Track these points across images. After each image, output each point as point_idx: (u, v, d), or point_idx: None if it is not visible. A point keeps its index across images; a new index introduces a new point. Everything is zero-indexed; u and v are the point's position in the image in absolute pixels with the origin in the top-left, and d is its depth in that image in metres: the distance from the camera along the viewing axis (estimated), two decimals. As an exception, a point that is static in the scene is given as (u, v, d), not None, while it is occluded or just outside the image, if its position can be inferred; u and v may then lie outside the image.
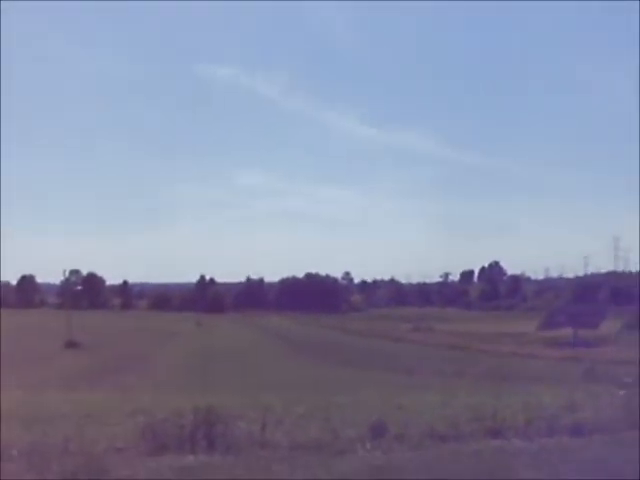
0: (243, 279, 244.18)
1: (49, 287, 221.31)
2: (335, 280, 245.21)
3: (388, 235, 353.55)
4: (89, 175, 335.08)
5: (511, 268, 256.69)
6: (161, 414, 15.78)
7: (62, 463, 9.88)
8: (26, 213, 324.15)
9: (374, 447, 12.18)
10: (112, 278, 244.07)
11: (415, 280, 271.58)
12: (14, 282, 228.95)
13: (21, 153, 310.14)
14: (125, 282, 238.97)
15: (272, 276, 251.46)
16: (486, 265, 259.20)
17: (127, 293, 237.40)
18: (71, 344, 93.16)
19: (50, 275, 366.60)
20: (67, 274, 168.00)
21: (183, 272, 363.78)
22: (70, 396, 29.18)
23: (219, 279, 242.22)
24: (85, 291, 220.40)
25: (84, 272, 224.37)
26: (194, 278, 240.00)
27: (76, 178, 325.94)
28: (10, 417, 18.00)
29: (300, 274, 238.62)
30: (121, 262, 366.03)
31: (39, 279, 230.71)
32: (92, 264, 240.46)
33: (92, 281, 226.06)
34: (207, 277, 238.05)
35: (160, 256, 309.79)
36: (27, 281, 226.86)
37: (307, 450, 11.79)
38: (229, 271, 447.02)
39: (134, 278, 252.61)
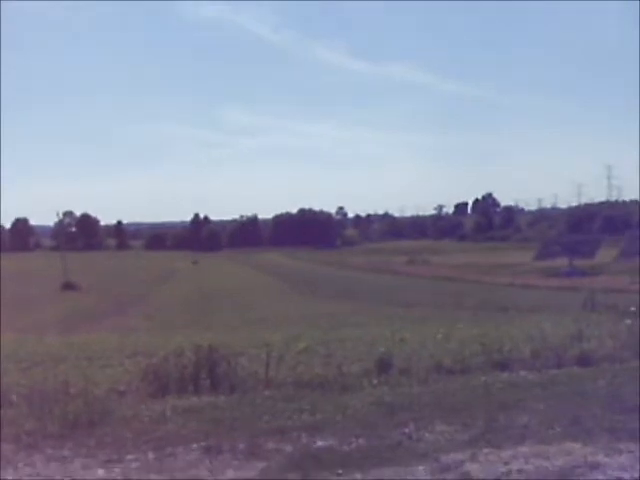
0: (237, 216, 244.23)
1: (43, 229, 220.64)
2: (329, 215, 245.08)
3: (381, 169, 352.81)
4: (79, 116, 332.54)
5: (504, 199, 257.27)
6: (162, 355, 15.65)
7: (63, 407, 9.64)
8: (18, 156, 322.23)
9: (381, 382, 12.00)
10: (106, 219, 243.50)
11: (409, 213, 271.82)
12: (8, 225, 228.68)
13: (12, 97, 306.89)
14: (119, 222, 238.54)
15: (266, 213, 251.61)
16: (479, 197, 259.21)
17: (122, 233, 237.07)
18: (68, 286, 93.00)
19: (44, 217, 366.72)
20: (61, 215, 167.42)
21: (177, 211, 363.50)
22: (69, 338, 29.05)
23: (213, 217, 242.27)
24: (80, 232, 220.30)
25: (78, 213, 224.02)
26: (188, 217, 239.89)
27: (66, 120, 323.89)
28: (8, 361, 17.83)
29: (294, 210, 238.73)
30: (114, 202, 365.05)
31: (33, 222, 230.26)
32: (86, 205, 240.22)
33: (86, 222, 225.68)
34: (201, 215, 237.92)
35: (153, 196, 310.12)
36: (21, 224, 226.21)
37: (313, 387, 11.59)
38: (223, 209, 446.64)
39: (128, 218, 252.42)
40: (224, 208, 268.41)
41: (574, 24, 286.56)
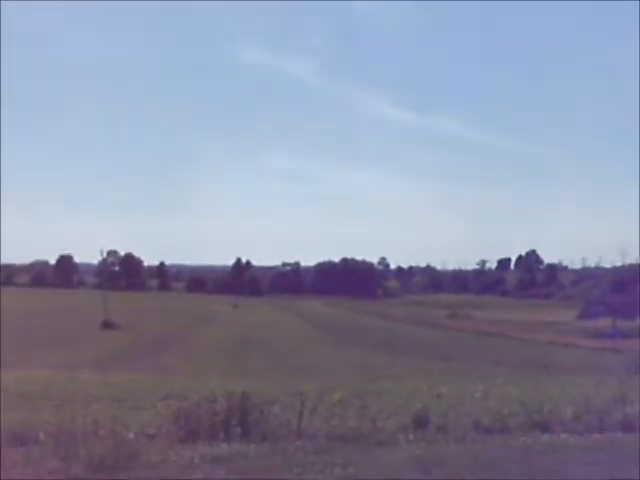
0: (279, 263, 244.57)
1: (87, 267, 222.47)
2: (371, 265, 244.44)
3: (424, 221, 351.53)
4: (125, 157, 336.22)
5: (548, 257, 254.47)
6: (195, 399, 15.39)
7: (89, 448, 9.40)
8: (64, 194, 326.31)
9: (417, 438, 11.59)
10: (149, 259, 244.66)
11: (451, 267, 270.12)
12: (53, 262, 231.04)
13: (57, 135, 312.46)
14: (162, 263, 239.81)
15: (308, 260, 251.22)
16: (523, 253, 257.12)
17: (164, 274, 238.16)
18: (108, 325, 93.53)
19: (88, 255, 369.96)
20: (105, 254, 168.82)
21: (219, 255, 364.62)
22: (104, 378, 28.97)
23: (255, 262, 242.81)
24: (122, 272, 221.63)
25: (122, 253, 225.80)
26: (230, 261, 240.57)
27: (113, 160, 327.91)
28: (41, 398, 17.72)
29: (336, 259, 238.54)
30: (158, 243, 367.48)
31: (77, 259, 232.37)
32: (129, 245, 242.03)
33: (129, 262, 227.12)
34: (243, 260, 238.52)
35: (196, 238, 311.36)
36: (65, 261, 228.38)
37: (346, 441, 11.23)
38: (265, 255, 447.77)
39: (171, 260, 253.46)
40: (267, 254, 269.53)
41: (620, 82, 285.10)
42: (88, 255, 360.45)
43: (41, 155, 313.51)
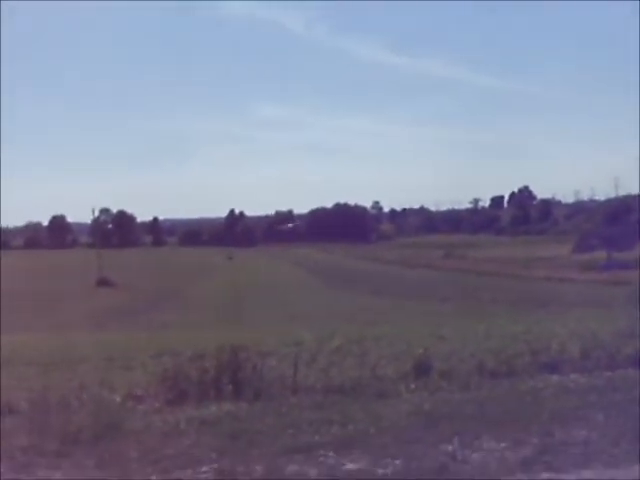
0: (272, 212, 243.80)
1: (80, 226, 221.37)
2: (364, 209, 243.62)
3: (416, 163, 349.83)
4: (113, 113, 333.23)
5: (541, 192, 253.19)
6: (187, 355, 14.79)
7: (66, 419, 8.72)
8: (54, 154, 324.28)
9: (419, 387, 10.96)
10: (142, 215, 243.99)
11: (445, 207, 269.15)
12: (45, 223, 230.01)
13: (47, 92, 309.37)
14: (155, 219, 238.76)
15: (301, 208, 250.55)
16: (516, 190, 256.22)
17: (158, 230, 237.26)
18: (103, 282, 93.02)
19: (81, 214, 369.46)
20: (97, 213, 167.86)
21: (212, 207, 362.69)
22: (98, 336, 28.49)
23: (248, 212, 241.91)
24: (116, 229, 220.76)
25: (114, 210, 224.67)
26: (223, 213, 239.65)
27: (101, 116, 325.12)
28: (29, 362, 17.16)
29: (329, 205, 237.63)
30: (150, 199, 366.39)
31: (70, 219, 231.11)
32: (121, 202, 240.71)
33: (122, 219, 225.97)
34: (236, 211, 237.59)
35: (188, 192, 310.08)
36: (58, 221, 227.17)
37: (345, 393, 10.61)
38: (258, 204, 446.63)
39: (164, 214, 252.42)
40: (259, 203, 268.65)
41: (612, 18, 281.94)
42: (81, 214, 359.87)
43: (29, 115, 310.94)
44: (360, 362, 14.02)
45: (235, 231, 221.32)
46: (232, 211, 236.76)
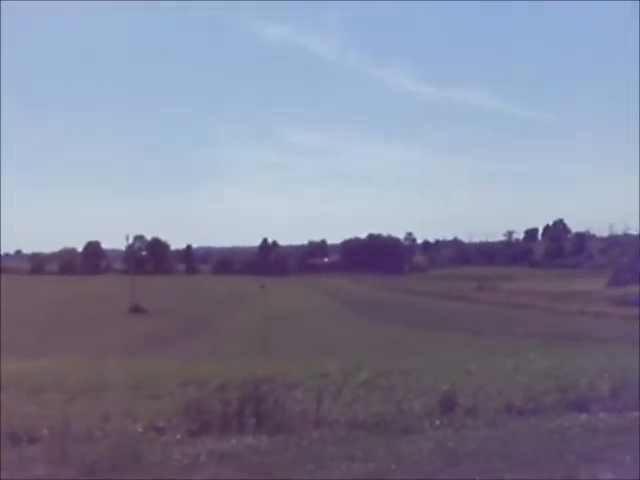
0: (305, 242, 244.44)
1: (114, 253, 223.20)
2: (398, 240, 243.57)
3: (450, 194, 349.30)
4: (148, 140, 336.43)
5: (575, 226, 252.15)
6: (213, 386, 14.75)
7: (84, 449, 8.68)
8: (90, 181, 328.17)
9: (443, 424, 10.79)
10: (176, 243, 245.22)
11: (478, 239, 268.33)
12: (80, 249, 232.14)
13: (84, 120, 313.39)
14: (189, 247, 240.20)
15: (334, 238, 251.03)
16: (550, 223, 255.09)
17: (191, 257, 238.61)
18: (135, 309, 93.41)
19: (116, 241, 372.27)
20: (131, 239, 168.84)
21: (245, 235, 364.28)
22: (127, 364, 28.49)
23: (281, 242, 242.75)
24: (150, 256, 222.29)
25: (148, 237, 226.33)
26: (257, 241, 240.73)
27: (135, 144, 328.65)
28: (55, 390, 17.18)
29: (362, 235, 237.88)
30: (184, 226, 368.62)
31: (105, 245, 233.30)
32: (156, 229, 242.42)
33: (156, 246, 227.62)
34: (270, 240, 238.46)
35: (222, 219, 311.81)
36: (93, 247, 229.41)
37: (368, 428, 10.48)
38: (291, 234, 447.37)
39: (197, 242, 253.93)
40: (292, 232, 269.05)
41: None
42: (115, 241, 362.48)
43: (65, 141, 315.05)
44: (386, 396, 13.89)
45: (268, 260, 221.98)
46: (265, 240, 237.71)
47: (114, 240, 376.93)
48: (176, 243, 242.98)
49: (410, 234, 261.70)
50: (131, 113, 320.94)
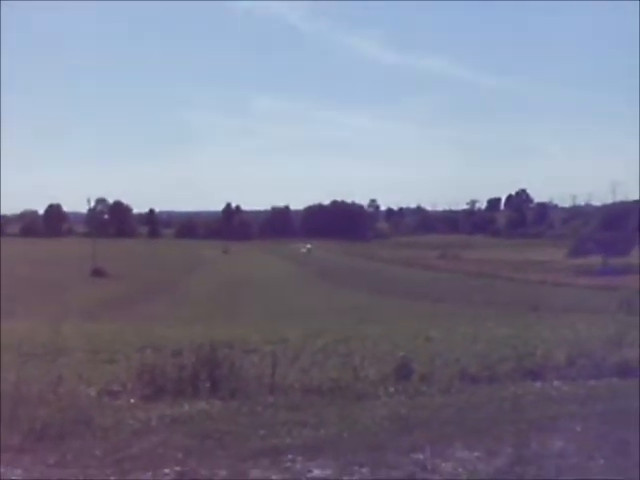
0: (269, 207, 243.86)
1: (76, 216, 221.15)
2: (361, 207, 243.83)
3: (414, 162, 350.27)
4: (111, 104, 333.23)
5: (538, 196, 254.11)
6: (169, 350, 14.63)
7: (34, 414, 8.54)
8: (52, 143, 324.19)
9: (398, 391, 10.78)
10: (138, 206, 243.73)
11: (441, 208, 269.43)
12: (41, 211, 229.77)
13: (45, 84, 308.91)
14: (151, 210, 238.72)
15: (297, 204, 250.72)
16: (513, 193, 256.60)
17: (153, 221, 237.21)
18: (97, 272, 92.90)
19: (77, 204, 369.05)
20: (93, 202, 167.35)
21: (209, 200, 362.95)
22: (85, 328, 28.19)
23: (245, 207, 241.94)
24: (112, 219, 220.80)
25: (110, 200, 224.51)
26: (220, 206, 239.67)
27: (99, 107, 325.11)
28: (10, 353, 16.93)
29: (326, 202, 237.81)
30: (147, 190, 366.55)
31: (66, 208, 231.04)
32: (118, 192, 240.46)
33: (119, 209, 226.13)
34: (233, 205, 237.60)
35: (185, 184, 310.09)
36: (54, 210, 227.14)
37: (323, 394, 10.43)
38: (254, 199, 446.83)
39: (160, 206, 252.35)
40: (256, 198, 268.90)
41: (611, 17, 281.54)
42: (77, 204, 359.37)
43: (28, 103, 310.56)
44: (343, 362, 13.82)
45: (231, 225, 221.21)
46: (229, 205, 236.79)
47: (76, 203, 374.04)
48: (139, 206, 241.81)
49: (374, 201, 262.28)
50: (95, 77, 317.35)
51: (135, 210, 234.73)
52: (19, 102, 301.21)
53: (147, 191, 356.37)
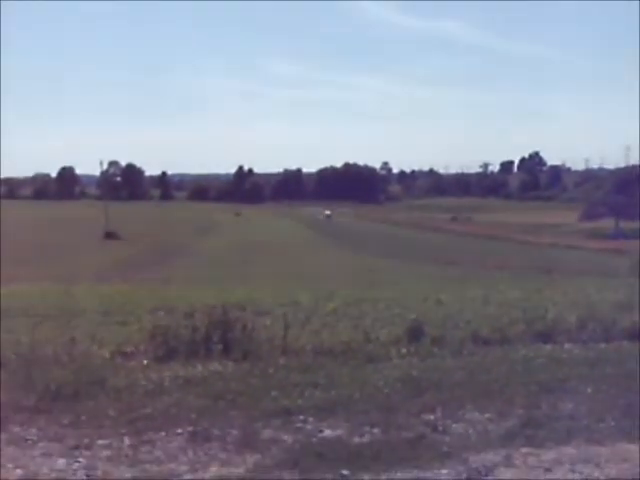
0: (281, 170, 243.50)
1: (89, 178, 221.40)
2: (373, 170, 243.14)
3: (427, 125, 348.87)
4: (124, 68, 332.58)
5: (551, 159, 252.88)
6: (181, 312, 14.70)
7: (48, 374, 8.64)
8: (65, 106, 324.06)
9: (410, 352, 10.81)
10: (151, 169, 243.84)
11: (454, 170, 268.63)
12: (54, 174, 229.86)
13: (59, 46, 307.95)
14: (164, 173, 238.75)
15: (310, 166, 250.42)
16: (526, 156, 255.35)
17: (166, 184, 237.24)
18: (109, 235, 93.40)
19: (90, 167, 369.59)
20: (106, 165, 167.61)
21: (221, 163, 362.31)
22: (98, 289, 28.36)
23: (257, 170, 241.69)
24: (124, 182, 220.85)
25: (123, 163, 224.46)
26: (232, 169, 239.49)
27: (112, 71, 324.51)
28: (25, 314, 17.07)
29: (338, 164, 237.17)
30: (160, 153, 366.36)
31: (79, 171, 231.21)
32: (130, 155, 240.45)
33: (131, 172, 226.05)
34: (245, 168, 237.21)
35: (198, 147, 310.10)
36: (67, 173, 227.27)
37: (335, 356, 10.47)
38: (267, 161, 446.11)
39: (173, 169, 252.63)
40: (268, 160, 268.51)
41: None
42: (90, 167, 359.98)
43: (41, 66, 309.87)
44: (355, 325, 13.88)
45: (244, 188, 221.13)
46: (241, 168, 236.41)
47: (88, 166, 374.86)
48: (151, 169, 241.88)
49: (386, 164, 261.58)
50: (113, 42, 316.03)
51: (147, 173, 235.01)
52: (33, 63, 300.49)
53: (159, 154, 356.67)
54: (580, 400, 8.04)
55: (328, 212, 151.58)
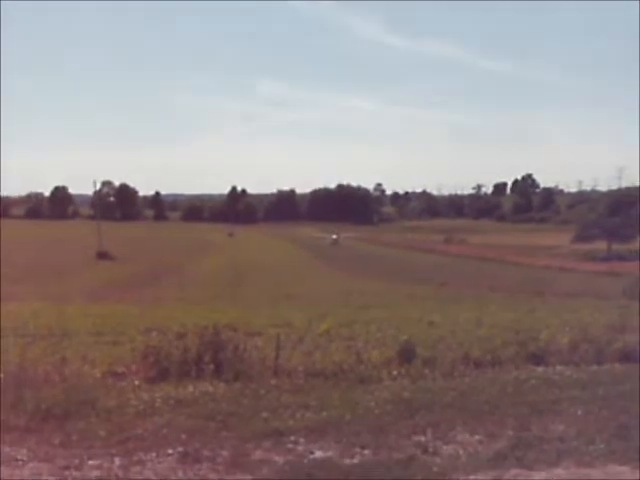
0: (274, 191, 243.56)
1: (82, 198, 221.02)
2: (367, 191, 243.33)
3: (420, 146, 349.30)
4: (119, 88, 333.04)
5: (544, 181, 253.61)
6: (174, 333, 14.67)
7: (39, 394, 8.61)
8: (59, 126, 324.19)
9: (401, 374, 10.82)
10: (145, 189, 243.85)
11: (447, 192, 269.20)
12: (47, 193, 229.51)
13: (55, 66, 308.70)
14: (157, 193, 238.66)
15: (303, 187, 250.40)
16: (519, 177, 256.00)
17: (160, 204, 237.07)
18: (102, 255, 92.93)
19: (83, 186, 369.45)
20: (99, 185, 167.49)
21: (215, 184, 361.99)
22: (91, 309, 28.34)
23: (250, 190, 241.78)
24: (118, 202, 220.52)
25: (116, 183, 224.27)
26: (226, 190, 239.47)
27: (107, 91, 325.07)
28: (15, 334, 17.03)
29: (332, 185, 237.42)
30: (153, 173, 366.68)
31: (72, 190, 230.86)
32: (124, 175, 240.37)
33: (125, 192, 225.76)
34: (239, 188, 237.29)
35: (192, 168, 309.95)
36: (60, 192, 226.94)
37: (326, 377, 10.47)
38: (260, 182, 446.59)
39: (167, 189, 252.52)
40: (262, 181, 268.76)
41: (616, 5, 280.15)
42: (83, 186, 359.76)
43: (36, 87, 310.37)
44: (346, 346, 13.89)
45: (237, 208, 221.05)
46: (234, 188, 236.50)
47: (82, 185, 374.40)
48: (145, 190, 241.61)
49: (379, 185, 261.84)
50: (109, 62, 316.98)
51: (141, 193, 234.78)
52: (27, 83, 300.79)
53: (153, 174, 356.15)
54: (571, 422, 8.04)
55: (334, 236, 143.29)
